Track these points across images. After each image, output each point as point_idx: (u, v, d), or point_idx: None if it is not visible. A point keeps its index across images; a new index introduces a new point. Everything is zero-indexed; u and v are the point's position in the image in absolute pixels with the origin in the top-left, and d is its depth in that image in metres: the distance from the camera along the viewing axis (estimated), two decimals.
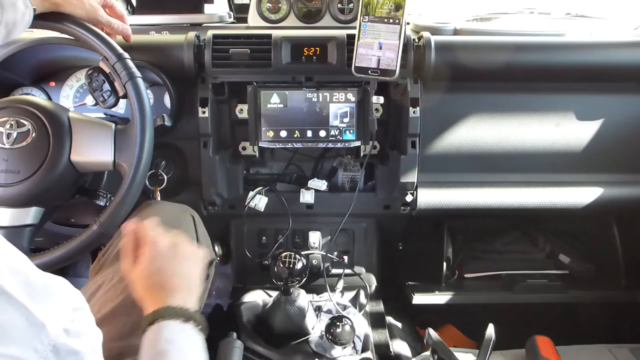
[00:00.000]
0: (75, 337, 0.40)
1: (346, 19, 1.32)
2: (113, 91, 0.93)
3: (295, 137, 1.16)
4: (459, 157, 1.21)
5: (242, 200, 1.22)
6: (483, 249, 1.51)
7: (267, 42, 1.11)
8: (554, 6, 1.54)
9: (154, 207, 1.01)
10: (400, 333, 1.26)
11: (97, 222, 0.86)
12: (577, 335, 1.16)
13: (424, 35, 1.14)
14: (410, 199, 1.20)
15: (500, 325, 1.02)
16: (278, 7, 1.32)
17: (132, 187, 0.87)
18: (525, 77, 1.18)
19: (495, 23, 1.45)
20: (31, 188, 0.86)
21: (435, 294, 1.35)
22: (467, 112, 1.18)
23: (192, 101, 1.15)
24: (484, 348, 0.97)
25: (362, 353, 1.06)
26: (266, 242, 1.31)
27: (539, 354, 0.99)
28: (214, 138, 1.16)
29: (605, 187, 1.22)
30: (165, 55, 1.12)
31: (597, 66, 1.17)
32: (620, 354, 1.05)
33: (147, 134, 0.88)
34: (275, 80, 1.14)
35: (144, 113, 0.88)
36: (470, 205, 1.21)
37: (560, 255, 1.44)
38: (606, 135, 1.21)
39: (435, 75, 1.13)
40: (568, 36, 1.26)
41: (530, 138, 1.20)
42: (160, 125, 1.06)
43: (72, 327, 0.40)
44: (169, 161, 1.19)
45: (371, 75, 1.01)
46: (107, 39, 0.90)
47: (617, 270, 1.41)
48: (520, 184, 1.22)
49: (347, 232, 1.34)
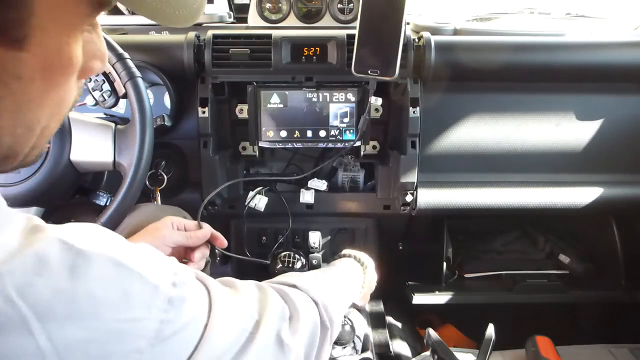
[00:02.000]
0: (181, 286, 0.47)
1: (346, 19, 1.32)
2: (113, 91, 0.93)
3: (295, 137, 1.16)
4: (459, 157, 1.21)
5: (242, 200, 1.22)
6: (483, 249, 1.51)
7: (267, 42, 1.11)
8: (554, 6, 1.54)
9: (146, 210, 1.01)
10: (400, 333, 1.26)
11: (97, 222, 0.86)
12: (577, 335, 1.17)
13: (424, 35, 1.14)
14: (410, 199, 1.20)
15: (500, 325, 1.02)
16: (278, 7, 1.33)
17: (132, 187, 0.87)
18: (525, 77, 1.18)
19: (495, 23, 1.45)
20: (31, 188, 0.86)
21: (435, 294, 1.35)
22: (467, 112, 1.18)
23: (192, 101, 1.15)
24: (484, 348, 0.97)
25: (362, 353, 1.06)
26: (266, 242, 1.31)
27: (539, 354, 0.99)
28: (214, 138, 1.16)
29: (605, 187, 1.22)
30: (165, 55, 1.12)
31: (597, 66, 1.17)
32: (620, 354, 1.05)
33: (147, 134, 0.88)
34: (275, 80, 1.14)
35: (144, 113, 0.88)
36: (470, 205, 1.21)
37: (560, 255, 1.44)
38: (606, 135, 1.20)
39: (435, 75, 1.13)
40: (568, 36, 1.26)
41: (530, 138, 1.20)
42: (160, 125, 1.06)
43: (177, 279, 0.47)
44: (169, 161, 1.19)
45: (371, 75, 1.01)
46: (107, 39, 0.90)
47: (617, 270, 1.41)
48: (520, 184, 1.22)
49: (347, 232, 1.34)
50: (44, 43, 0.38)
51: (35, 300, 0.36)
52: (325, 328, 0.65)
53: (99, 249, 0.41)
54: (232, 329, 0.52)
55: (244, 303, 0.56)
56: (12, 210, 0.40)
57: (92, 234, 0.43)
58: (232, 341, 0.51)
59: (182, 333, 0.46)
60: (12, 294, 0.35)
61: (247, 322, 0.54)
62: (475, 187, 1.21)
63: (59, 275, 0.38)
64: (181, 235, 0.84)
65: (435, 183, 1.21)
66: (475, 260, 1.47)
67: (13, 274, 0.35)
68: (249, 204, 1.21)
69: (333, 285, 0.76)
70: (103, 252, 0.41)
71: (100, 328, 0.39)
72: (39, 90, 0.41)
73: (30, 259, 0.37)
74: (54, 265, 0.38)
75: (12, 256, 0.36)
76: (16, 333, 0.35)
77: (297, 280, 0.68)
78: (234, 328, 0.52)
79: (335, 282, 0.79)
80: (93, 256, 0.40)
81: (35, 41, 0.38)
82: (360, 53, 1.01)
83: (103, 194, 0.96)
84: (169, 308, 0.44)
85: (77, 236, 0.40)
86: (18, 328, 0.35)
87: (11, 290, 0.35)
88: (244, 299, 0.57)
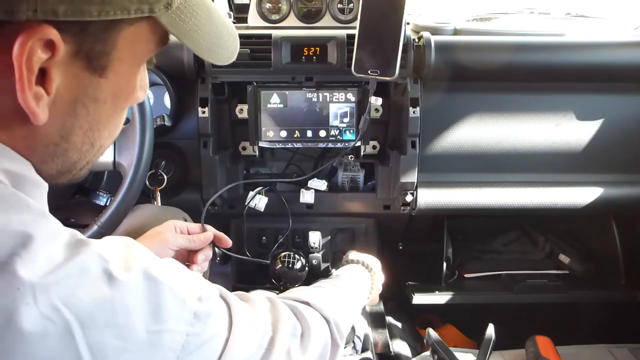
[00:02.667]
0: (206, 300, 0.48)
1: (346, 19, 1.32)
2: None
3: (295, 137, 1.16)
4: (459, 157, 1.21)
5: (242, 200, 1.22)
6: (483, 249, 1.51)
7: (267, 42, 1.12)
8: (554, 6, 1.54)
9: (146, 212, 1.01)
10: (400, 333, 1.26)
11: (97, 222, 0.86)
12: (577, 335, 1.16)
13: (424, 35, 1.14)
14: (410, 199, 1.20)
15: (500, 325, 1.02)
16: (278, 7, 1.32)
17: (132, 187, 0.87)
18: (525, 77, 1.18)
19: (495, 23, 1.45)
20: None
21: (435, 294, 1.35)
22: (467, 112, 1.18)
23: (192, 101, 1.15)
24: (483, 348, 0.97)
25: (362, 353, 1.06)
26: (266, 242, 1.31)
27: (539, 354, 0.98)
28: (214, 138, 1.16)
29: (605, 187, 1.22)
30: (165, 55, 1.12)
31: (597, 66, 1.17)
32: (620, 354, 1.05)
33: (147, 134, 0.88)
34: (275, 80, 1.14)
35: (144, 113, 0.88)
36: (470, 205, 1.21)
37: (560, 255, 1.44)
38: (606, 135, 1.20)
39: (435, 75, 1.13)
40: (568, 36, 1.26)
41: (530, 138, 1.20)
42: (160, 125, 1.06)
43: (202, 294, 0.48)
44: (169, 161, 1.19)
45: (371, 75, 1.01)
46: None
47: (617, 270, 1.41)
48: (520, 184, 1.22)
49: (347, 232, 1.34)
50: (119, 72, 0.45)
51: (78, 308, 0.38)
52: (336, 345, 0.66)
53: (132, 263, 0.43)
54: (250, 345, 0.53)
55: (259, 318, 0.57)
56: (59, 225, 0.43)
57: (124, 248, 0.45)
58: (249, 356, 0.53)
59: (206, 347, 0.47)
60: (57, 303, 0.37)
61: (263, 338, 0.55)
62: (475, 187, 1.21)
63: (99, 286, 0.40)
64: (184, 239, 0.84)
65: (435, 183, 1.21)
66: (475, 260, 1.47)
67: (58, 285, 0.38)
68: (249, 204, 1.21)
69: (344, 301, 0.76)
70: (136, 265, 0.43)
71: (134, 338, 0.41)
72: (107, 113, 0.47)
73: (74, 270, 0.39)
74: (94, 277, 0.40)
75: (57, 268, 0.38)
76: (60, 338, 0.37)
77: (310, 297, 0.68)
78: (251, 344, 0.53)
79: (346, 296, 0.79)
80: (126, 270, 0.42)
81: (113, 70, 0.45)
82: (360, 53, 1.01)
83: (103, 194, 0.96)
84: (194, 322, 0.46)
85: (112, 251, 0.43)
86: (62, 333, 0.37)
87: (56, 299, 0.37)
88: (259, 315, 0.57)
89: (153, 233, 0.84)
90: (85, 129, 0.46)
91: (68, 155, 0.47)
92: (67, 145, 0.46)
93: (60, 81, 0.42)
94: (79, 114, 0.45)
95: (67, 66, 0.41)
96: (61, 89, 0.42)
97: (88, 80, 0.43)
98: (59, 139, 0.45)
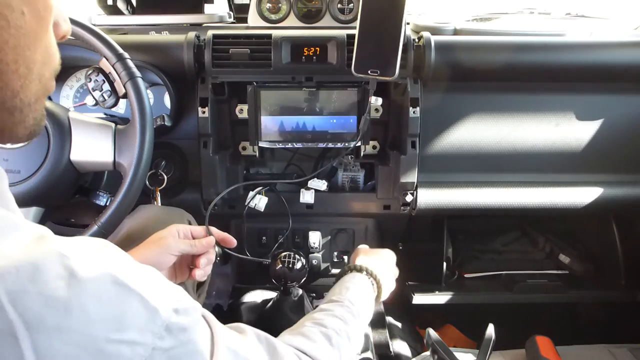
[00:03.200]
0: (183, 314, 0.45)
1: (346, 19, 1.32)
2: (113, 91, 0.93)
3: (295, 137, 1.16)
4: (459, 157, 1.21)
5: (242, 200, 1.22)
6: (483, 249, 1.51)
7: (267, 42, 1.12)
8: (554, 6, 1.54)
9: (148, 212, 1.01)
10: (400, 333, 1.26)
11: (97, 222, 0.86)
12: (577, 335, 1.16)
13: (424, 35, 1.14)
14: (410, 199, 1.20)
15: (500, 325, 1.02)
16: (278, 7, 1.32)
17: (132, 187, 0.87)
18: (525, 77, 1.18)
19: (495, 23, 1.45)
20: (31, 188, 0.86)
21: (435, 294, 1.35)
22: (467, 112, 1.18)
23: (192, 101, 1.15)
24: (483, 348, 0.97)
25: (362, 353, 1.06)
26: (266, 242, 1.31)
27: (539, 354, 0.98)
28: (214, 138, 1.16)
29: (605, 187, 1.22)
30: (165, 55, 1.12)
31: (597, 66, 1.17)
32: (620, 354, 1.05)
33: (147, 134, 0.88)
34: (275, 80, 1.14)
35: (144, 113, 0.88)
36: (470, 205, 1.21)
37: (560, 255, 1.44)
38: (606, 135, 1.21)
39: (435, 75, 1.13)
40: (568, 36, 1.26)
41: (530, 138, 1.20)
42: (160, 125, 1.06)
43: (180, 306, 0.44)
44: (169, 161, 1.19)
45: (371, 75, 1.01)
46: (107, 39, 0.90)
47: (617, 270, 1.41)
48: (520, 184, 1.22)
49: (347, 232, 1.34)
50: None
51: (25, 308, 0.35)
52: None
53: (100, 264, 0.40)
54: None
55: (251, 352, 0.54)
56: (20, 220, 0.40)
57: (97, 249, 0.42)
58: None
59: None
60: (3, 299, 0.34)
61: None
62: (475, 187, 1.21)
63: (53, 286, 0.37)
64: (186, 244, 0.83)
65: (435, 183, 1.21)
66: (475, 260, 1.47)
67: (5, 279, 0.35)
68: (249, 204, 1.21)
69: (349, 342, 0.73)
70: (104, 268, 0.40)
71: (89, 346, 0.37)
72: (30, 26, 0.42)
73: (27, 266, 0.36)
74: (49, 276, 0.37)
75: (7, 262, 0.35)
76: (1, 340, 0.34)
77: (313, 352, 0.65)
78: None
79: (350, 335, 0.74)
80: (92, 271, 0.39)
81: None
82: (360, 53, 1.01)
83: (103, 194, 0.96)
84: (165, 335, 0.42)
85: (80, 250, 0.40)
86: (3, 335, 0.34)
87: (2, 295, 0.34)
88: (250, 347, 0.55)
89: (155, 238, 0.83)
90: (12, 45, 0.41)
91: (5, 79, 0.42)
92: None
93: None
94: (1, 25, 0.40)
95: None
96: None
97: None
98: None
